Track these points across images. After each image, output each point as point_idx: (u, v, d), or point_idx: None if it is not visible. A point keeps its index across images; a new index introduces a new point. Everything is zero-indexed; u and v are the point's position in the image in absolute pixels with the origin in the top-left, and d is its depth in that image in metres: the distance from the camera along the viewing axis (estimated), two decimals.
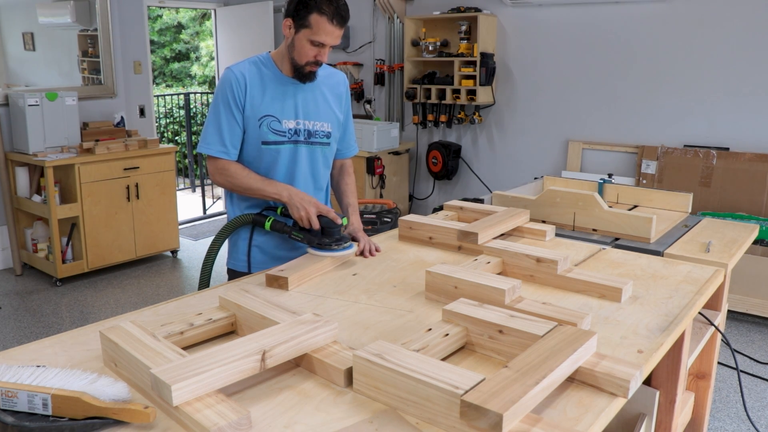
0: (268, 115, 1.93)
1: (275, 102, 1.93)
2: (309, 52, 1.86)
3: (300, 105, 1.97)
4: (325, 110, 2.02)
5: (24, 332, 3.82)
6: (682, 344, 1.60)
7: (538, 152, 4.85)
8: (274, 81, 1.95)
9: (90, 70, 5.31)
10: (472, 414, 0.94)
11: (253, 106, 1.92)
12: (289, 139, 1.96)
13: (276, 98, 1.94)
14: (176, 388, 0.98)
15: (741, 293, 3.73)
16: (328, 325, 1.21)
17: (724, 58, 4.01)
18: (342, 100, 2.08)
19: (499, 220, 2.00)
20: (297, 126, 1.96)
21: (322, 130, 2.01)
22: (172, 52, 11.24)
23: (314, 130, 1.99)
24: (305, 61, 1.88)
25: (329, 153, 2.07)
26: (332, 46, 1.88)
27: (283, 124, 1.94)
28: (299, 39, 1.85)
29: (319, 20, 1.81)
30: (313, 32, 1.83)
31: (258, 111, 1.92)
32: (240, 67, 1.95)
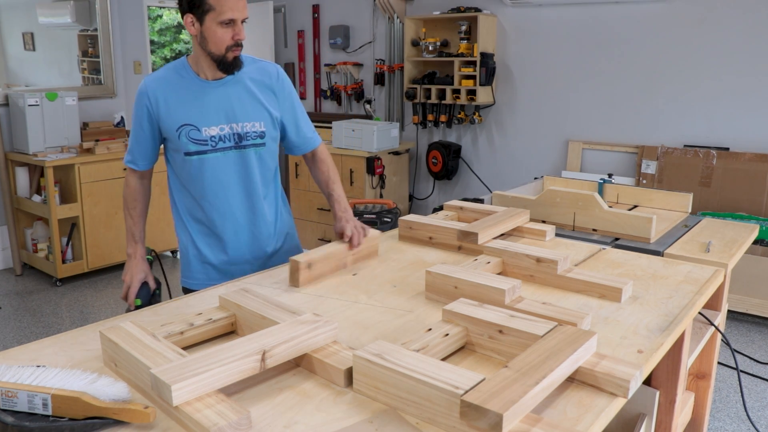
0: (185, 125, 1.82)
1: (193, 109, 1.82)
2: (224, 36, 1.74)
3: (223, 108, 1.83)
4: (255, 108, 1.87)
5: (24, 332, 3.82)
6: (682, 344, 1.60)
7: (538, 152, 4.85)
8: (191, 87, 1.83)
9: (90, 70, 5.31)
10: (472, 414, 0.94)
11: (170, 116, 1.82)
12: (213, 147, 1.84)
13: (194, 105, 1.82)
14: (176, 388, 0.98)
15: (741, 293, 3.73)
16: (328, 325, 1.21)
17: (724, 58, 4.01)
18: (278, 94, 1.91)
19: (499, 220, 2.00)
20: (221, 132, 1.83)
21: (253, 131, 1.87)
22: (172, 52, 11.24)
23: (244, 132, 1.85)
24: (225, 47, 1.75)
25: (267, 154, 1.92)
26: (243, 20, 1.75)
27: (203, 131, 1.82)
28: (208, 28, 1.73)
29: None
30: (217, 13, 1.71)
31: (174, 121, 1.82)
32: (154, 77, 1.86)
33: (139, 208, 1.97)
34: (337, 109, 5.88)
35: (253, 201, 1.93)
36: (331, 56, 5.81)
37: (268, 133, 1.90)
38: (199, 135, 1.82)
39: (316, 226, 5.18)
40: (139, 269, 1.93)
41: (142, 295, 1.92)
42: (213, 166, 1.86)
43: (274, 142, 1.96)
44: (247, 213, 1.94)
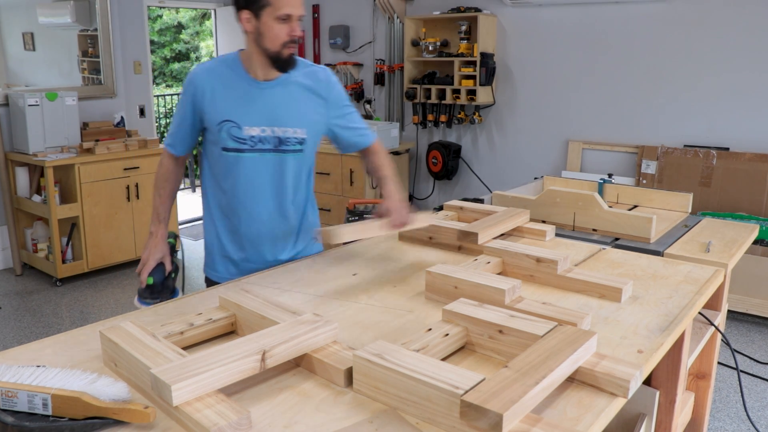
0: (227, 120, 1.81)
1: (238, 107, 1.81)
2: (280, 33, 1.72)
3: (268, 110, 1.82)
4: (299, 115, 1.85)
5: (24, 332, 3.82)
6: (682, 344, 1.60)
7: (538, 152, 4.85)
8: (239, 84, 1.82)
9: (90, 70, 5.31)
10: (472, 414, 0.94)
11: (214, 109, 1.82)
12: (252, 147, 1.83)
13: (239, 103, 1.81)
14: (176, 388, 0.98)
15: (741, 293, 3.73)
16: (328, 325, 1.21)
17: (724, 58, 4.01)
18: (327, 99, 1.89)
19: (499, 220, 2.00)
20: (262, 134, 1.82)
21: (294, 137, 1.85)
22: (172, 52, 11.24)
23: (285, 137, 1.84)
24: (281, 44, 1.73)
25: (303, 160, 1.91)
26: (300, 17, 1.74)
27: (244, 131, 1.81)
28: (264, 24, 1.71)
29: None
30: (275, 8, 1.69)
31: (218, 115, 1.82)
32: (205, 67, 1.86)
33: (169, 189, 1.99)
34: None
35: (281, 203, 1.92)
36: (331, 56, 5.81)
37: (308, 140, 1.88)
38: (240, 133, 1.82)
39: None
40: (158, 249, 1.92)
41: (156, 275, 1.89)
42: (248, 165, 1.85)
43: (313, 148, 1.94)
44: (273, 214, 1.92)
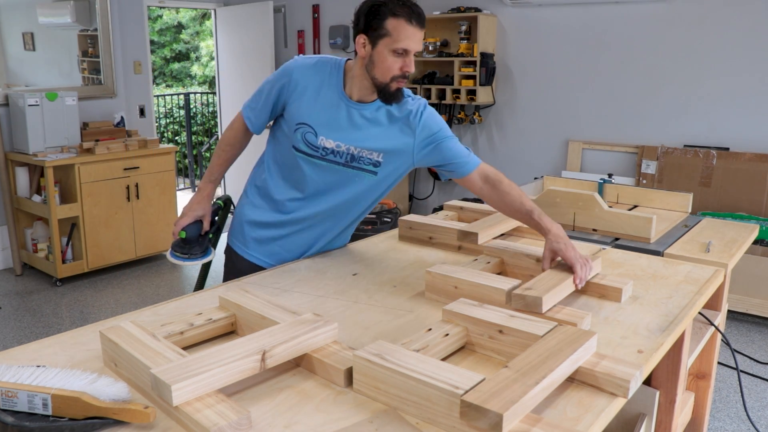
0: (305, 125, 1.76)
1: (322, 115, 1.75)
2: (393, 65, 1.66)
3: (350, 129, 1.76)
4: (381, 141, 1.77)
5: (24, 332, 3.82)
6: (682, 344, 1.60)
7: (538, 152, 4.85)
8: (331, 94, 1.76)
9: (90, 70, 5.31)
10: (472, 414, 0.94)
11: (299, 107, 1.76)
12: (322, 156, 1.78)
13: (324, 112, 1.76)
14: (176, 388, 0.98)
15: (741, 293, 3.73)
16: (328, 325, 1.21)
17: (724, 58, 4.01)
18: (415, 131, 1.77)
19: (499, 220, 2.00)
20: (336, 148, 1.77)
21: (369, 158, 1.78)
22: (172, 52, 11.24)
23: (359, 155, 1.77)
24: (390, 77, 1.67)
25: (374, 183, 1.83)
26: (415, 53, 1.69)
27: (319, 140, 1.76)
28: (379, 53, 1.65)
29: (397, 24, 1.62)
30: (393, 39, 1.63)
31: (299, 115, 1.77)
32: (308, 64, 1.79)
33: (230, 154, 1.97)
34: None
35: (334, 215, 1.88)
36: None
37: (384, 166, 1.80)
38: (314, 140, 1.77)
39: None
40: (200, 205, 1.90)
41: (191, 230, 1.84)
42: (315, 170, 1.81)
43: (391, 176, 1.85)
44: (321, 222, 1.89)
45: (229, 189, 6.76)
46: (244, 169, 6.97)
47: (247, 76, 6.25)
